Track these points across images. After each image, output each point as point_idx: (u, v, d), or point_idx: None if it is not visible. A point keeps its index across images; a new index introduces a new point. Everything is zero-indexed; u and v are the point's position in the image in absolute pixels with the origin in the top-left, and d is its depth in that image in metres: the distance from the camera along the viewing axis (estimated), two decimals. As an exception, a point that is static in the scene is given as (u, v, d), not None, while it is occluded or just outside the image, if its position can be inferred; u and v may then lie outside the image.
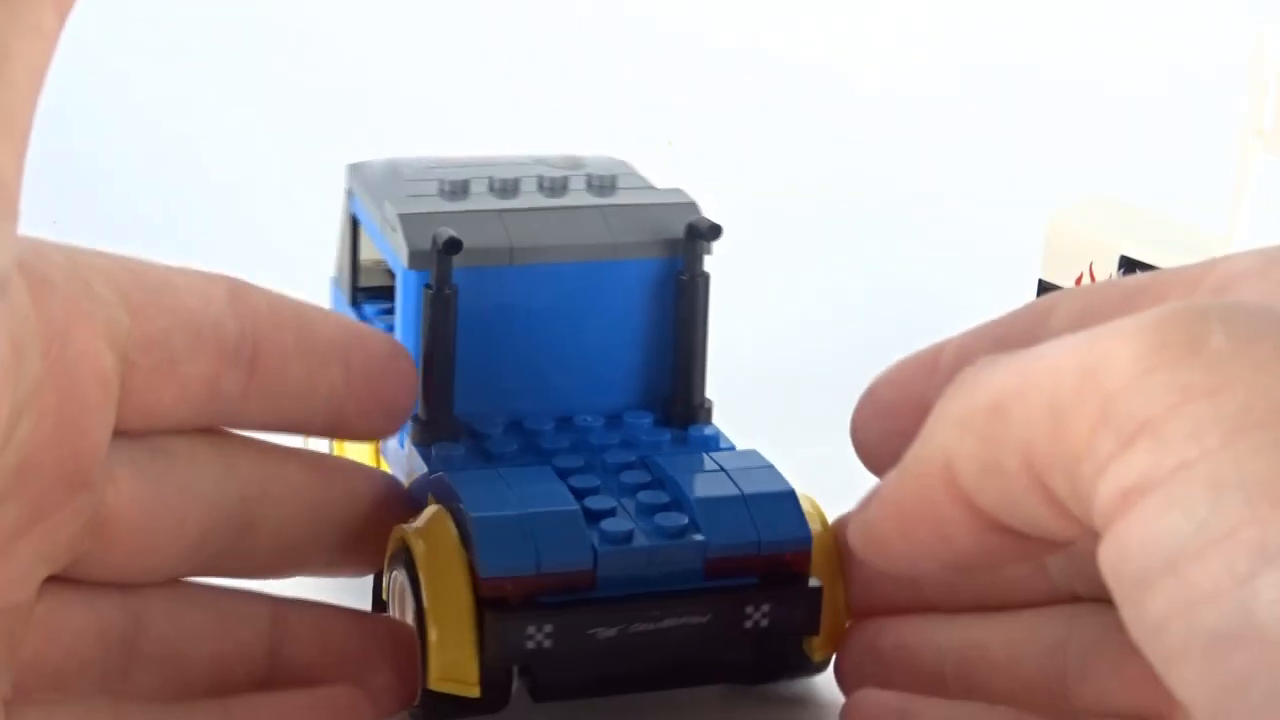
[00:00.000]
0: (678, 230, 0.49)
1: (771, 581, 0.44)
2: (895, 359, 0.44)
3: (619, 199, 0.50)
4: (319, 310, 0.46)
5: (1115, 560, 0.30)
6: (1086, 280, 0.62)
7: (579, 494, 0.45)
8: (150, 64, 0.85)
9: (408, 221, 0.48)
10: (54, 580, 0.41)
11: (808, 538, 0.44)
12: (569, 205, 0.49)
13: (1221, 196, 0.60)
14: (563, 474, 0.46)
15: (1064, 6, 0.91)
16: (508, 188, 0.50)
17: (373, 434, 0.47)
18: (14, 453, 0.38)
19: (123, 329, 0.41)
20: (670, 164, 0.83)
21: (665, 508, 0.45)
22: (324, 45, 0.87)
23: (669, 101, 0.86)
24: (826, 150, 0.84)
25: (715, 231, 0.48)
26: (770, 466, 0.46)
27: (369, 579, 0.49)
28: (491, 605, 0.43)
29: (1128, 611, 0.30)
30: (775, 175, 0.81)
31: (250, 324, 0.43)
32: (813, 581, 0.44)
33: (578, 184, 0.50)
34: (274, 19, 0.88)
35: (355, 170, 0.53)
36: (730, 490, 0.45)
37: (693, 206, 0.49)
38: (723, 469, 0.46)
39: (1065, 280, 0.62)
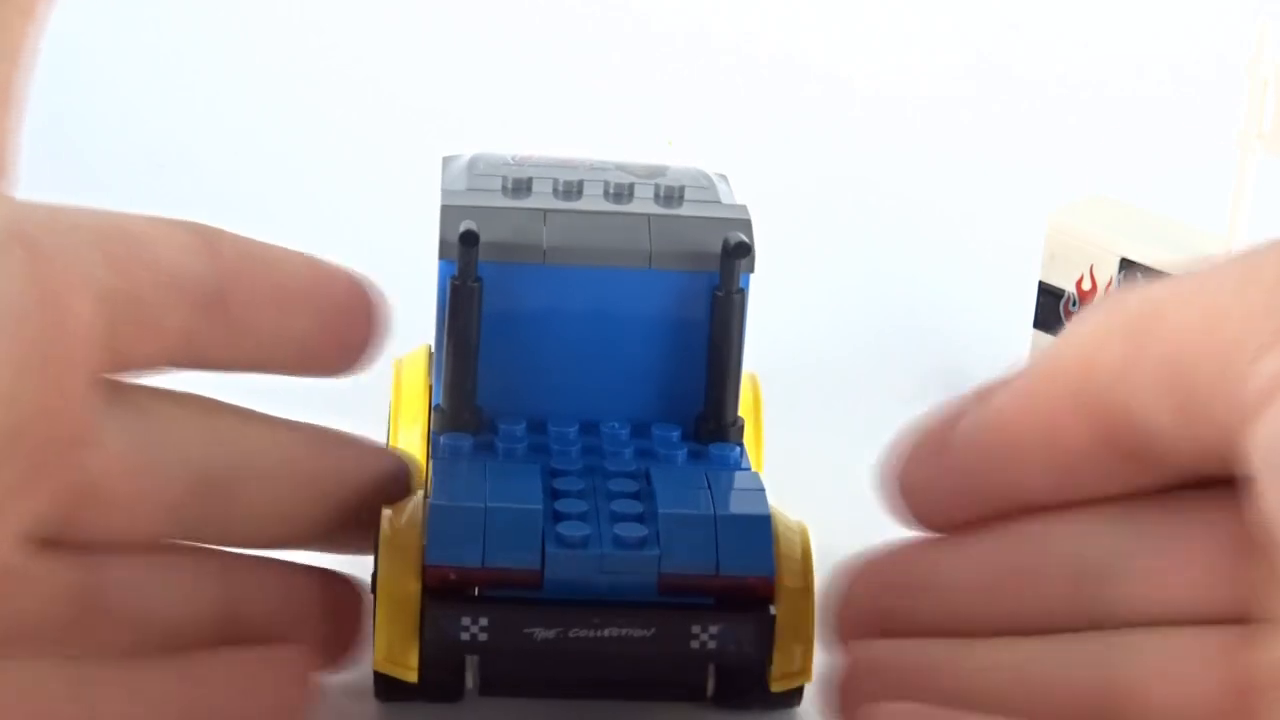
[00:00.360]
0: (718, 245, 0.48)
1: (726, 605, 0.43)
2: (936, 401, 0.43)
3: (675, 209, 0.49)
4: (286, 253, 0.46)
5: (1266, 442, 0.30)
6: (1087, 282, 0.62)
7: (557, 495, 0.45)
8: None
9: (446, 213, 0.49)
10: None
11: (769, 566, 0.44)
12: (617, 211, 0.49)
13: (1221, 197, 0.60)
14: (554, 474, 0.46)
15: (1064, 6, 0.91)
16: (571, 189, 0.50)
17: (338, 371, 0.47)
18: (5, 413, 0.38)
19: (106, 286, 0.41)
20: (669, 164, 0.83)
21: (631, 519, 0.44)
22: (321, 44, 0.87)
23: (669, 101, 0.86)
24: (826, 151, 0.84)
25: (741, 249, 0.47)
26: (760, 491, 0.45)
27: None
28: (434, 593, 0.43)
29: (1272, 497, 0.30)
30: (775, 175, 0.81)
31: (223, 272, 0.44)
32: (772, 610, 0.44)
33: (645, 192, 0.50)
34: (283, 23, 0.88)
35: (445, 163, 0.53)
36: (703, 510, 0.44)
37: (744, 224, 0.49)
38: (710, 488, 0.45)
39: (1065, 281, 0.62)
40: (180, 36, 0.87)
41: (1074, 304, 0.62)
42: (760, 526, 0.44)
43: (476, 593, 0.43)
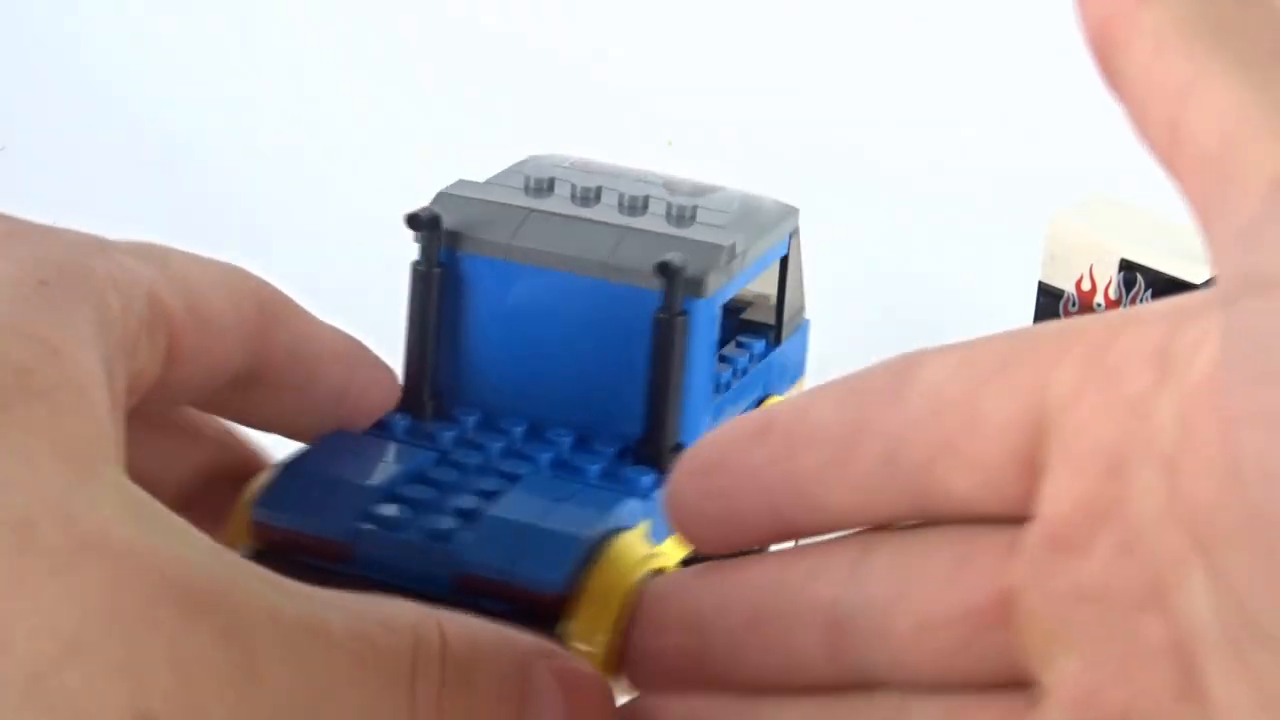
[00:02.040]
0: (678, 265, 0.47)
1: (517, 615, 0.42)
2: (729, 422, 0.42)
3: (664, 228, 0.49)
4: (337, 351, 0.47)
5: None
6: (1087, 282, 0.62)
7: (422, 481, 0.45)
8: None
9: (440, 199, 0.50)
10: None
11: (560, 583, 0.43)
12: (594, 219, 0.49)
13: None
14: (439, 463, 0.46)
15: (1065, 6, 0.91)
16: (589, 196, 0.50)
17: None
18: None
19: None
20: (670, 164, 0.83)
21: (452, 513, 0.44)
22: (327, 43, 0.87)
23: (669, 101, 0.86)
24: (825, 151, 0.84)
25: (667, 270, 0.46)
26: (609, 514, 0.44)
27: None
28: (259, 552, 0.43)
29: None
30: (775, 175, 0.81)
31: (264, 361, 0.45)
32: (561, 628, 0.43)
33: (658, 207, 0.50)
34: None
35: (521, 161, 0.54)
36: (528, 518, 0.44)
37: (712, 249, 0.48)
38: (560, 502, 0.45)
39: (1065, 282, 0.62)
40: (197, 35, 0.87)
41: (1073, 304, 0.62)
42: (566, 543, 0.43)
43: (293, 558, 0.43)
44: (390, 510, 0.44)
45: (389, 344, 0.52)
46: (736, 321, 0.54)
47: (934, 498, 0.35)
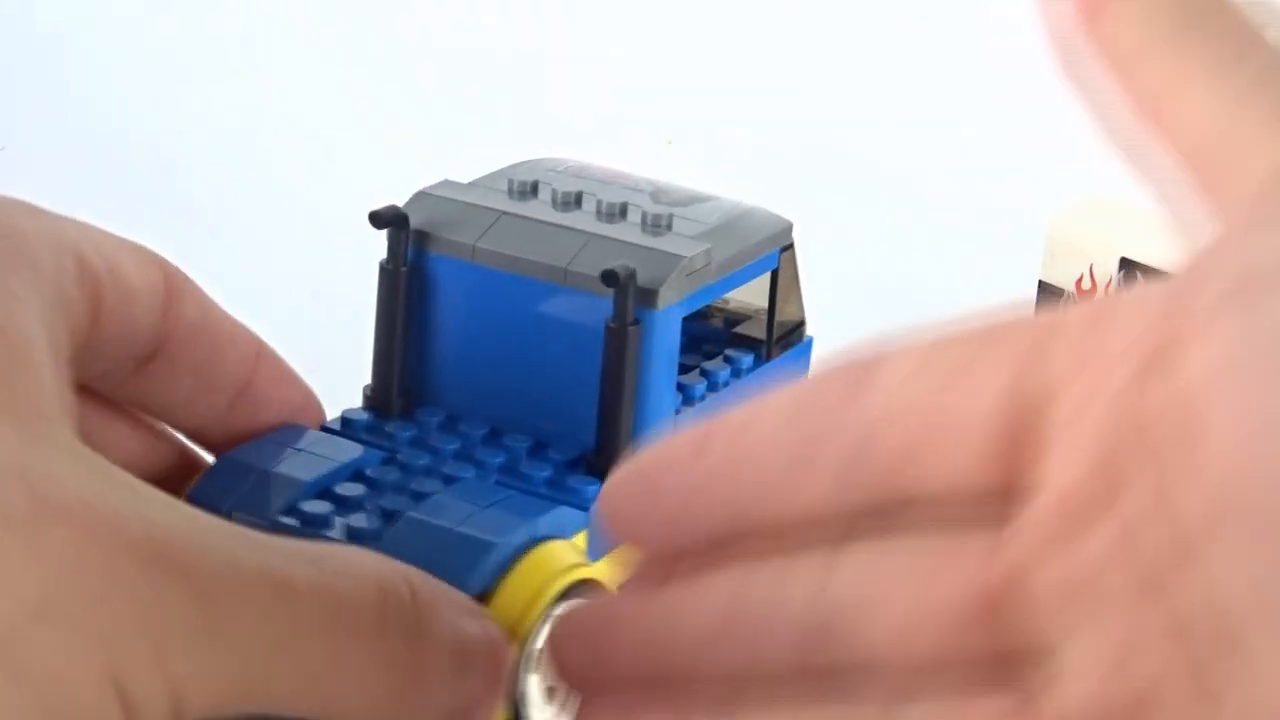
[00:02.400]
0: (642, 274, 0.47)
1: None
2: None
3: (633, 235, 0.49)
4: (236, 338, 0.47)
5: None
6: (1087, 281, 0.62)
7: (360, 479, 0.46)
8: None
9: (418, 198, 0.50)
10: None
11: (467, 586, 0.43)
12: (564, 225, 0.49)
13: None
14: (386, 462, 0.47)
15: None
16: (569, 201, 0.50)
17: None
18: None
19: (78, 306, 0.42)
20: (670, 164, 0.83)
21: (381, 513, 0.45)
22: (323, 41, 0.87)
23: (669, 101, 0.86)
24: (825, 150, 0.84)
25: (609, 278, 0.46)
26: (536, 520, 0.45)
27: None
28: None
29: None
30: (775, 175, 0.81)
31: (167, 333, 0.45)
32: None
33: (635, 215, 0.49)
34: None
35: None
36: (449, 522, 0.44)
37: (669, 258, 0.47)
38: (490, 505, 0.45)
39: (1065, 281, 0.62)
40: (189, 38, 0.87)
41: (1074, 303, 0.63)
42: (482, 549, 0.43)
43: None
44: (317, 507, 0.44)
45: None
46: (729, 334, 0.53)
47: (902, 503, 0.34)
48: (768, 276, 0.51)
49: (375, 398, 0.50)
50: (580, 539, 0.45)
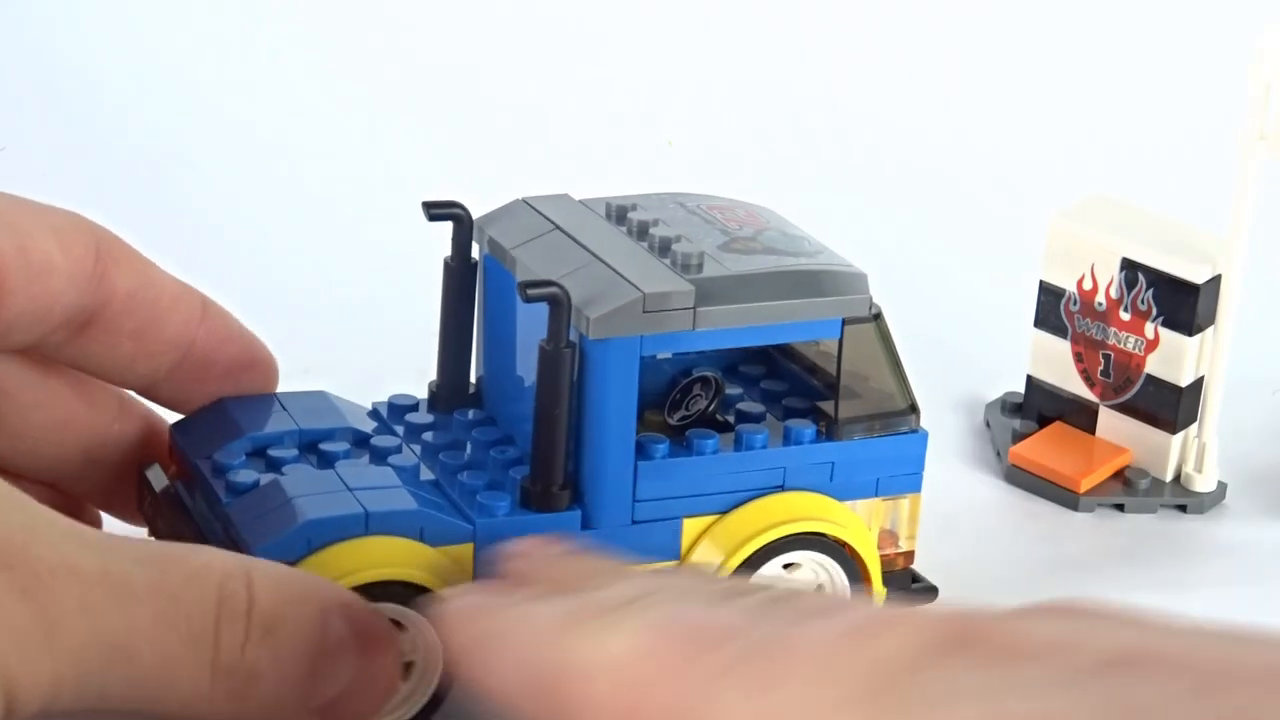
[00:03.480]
0: (602, 300, 0.47)
1: None
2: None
3: (639, 267, 0.49)
4: (179, 302, 0.49)
5: None
6: (1088, 281, 0.62)
7: (304, 447, 0.49)
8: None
9: (515, 203, 0.52)
10: None
11: (272, 553, 0.45)
12: (590, 248, 0.49)
13: (1223, 198, 0.60)
14: (355, 440, 0.50)
15: (1066, 7, 0.91)
16: (637, 229, 0.50)
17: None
18: None
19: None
20: (670, 164, 0.83)
21: (274, 470, 0.48)
22: (327, 44, 0.87)
23: (669, 101, 0.86)
24: (825, 152, 0.84)
25: (524, 293, 0.46)
26: (347, 495, 0.46)
27: None
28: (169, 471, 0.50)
29: None
30: (775, 176, 0.81)
31: (102, 301, 0.47)
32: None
33: (680, 251, 0.49)
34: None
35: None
36: (289, 493, 0.46)
37: (632, 292, 0.47)
38: (342, 491, 0.47)
39: (1066, 281, 0.62)
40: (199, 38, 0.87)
41: (1075, 303, 0.62)
42: (290, 523, 0.45)
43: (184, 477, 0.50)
44: (233, 459, 0.48)
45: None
46: (798, 394, 0.52)
47: None
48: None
49: (433, 388, 0.52)
50: (461, 550, 0.46)
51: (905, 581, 0.52)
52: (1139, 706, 0.26)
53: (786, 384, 0.53)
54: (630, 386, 0.47)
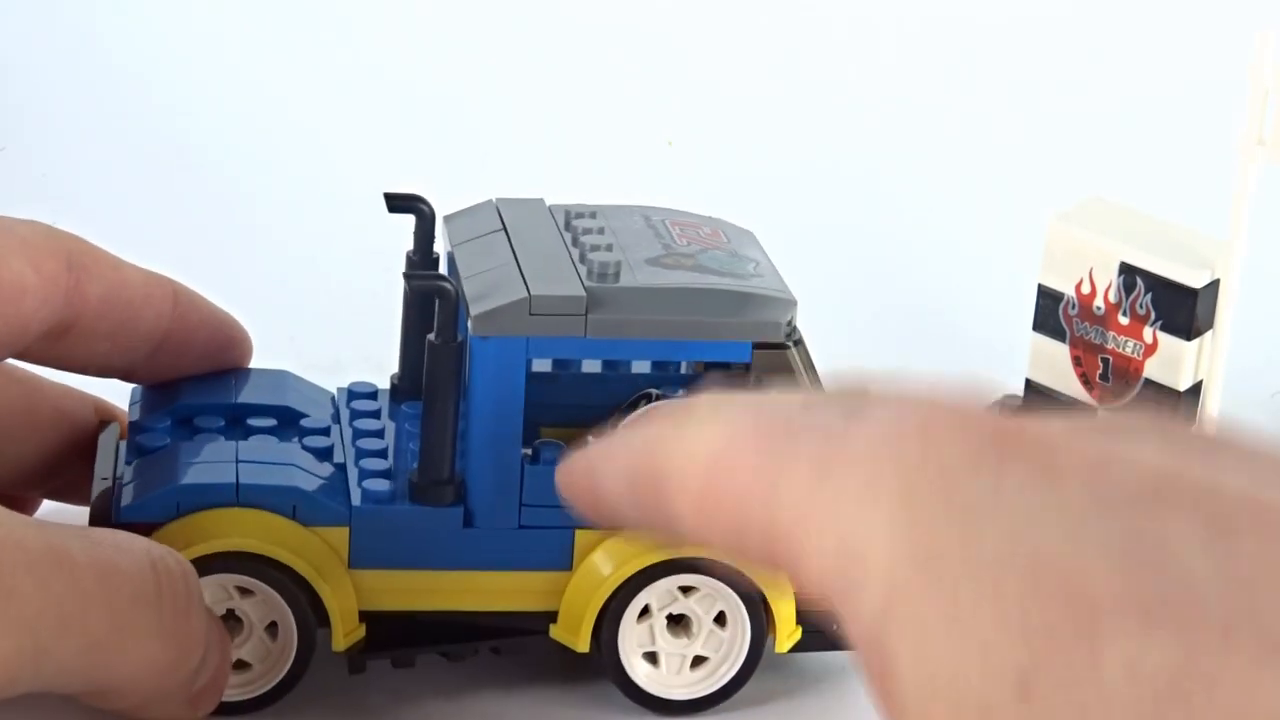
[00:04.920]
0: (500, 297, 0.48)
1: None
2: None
3: (548, 270, 0.49)
4: (151, 297, 0.50)
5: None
6: (1086, 285, 0.62)
7: (233, 419, 0.50)
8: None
9: (487, 202, 0.53)
10: None
11: (144, 514, 0.46)
12: (514, 250, 0.50)
13: (1221, 201, 0.60)
14: (284, 418, 0.50)
15: (1065, 9, 0.91)
16: (570, 232, 0.51)
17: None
18: None
19: None
20: (670, 164, 0.83)
21: (187, 438, 0.49)
22: (327, 44, 0.87)
23: (669, 101, 0.86)
24: (825, 153, 0.84)
25: (410, 285, 0.47)
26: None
27: None
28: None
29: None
30: (774, 177, 0.81)
31: (76, 312, 0.48)
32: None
33: (599, 259, 0.49)
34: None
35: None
36: (185, 459, 0.48)
37: (519, 294, 0.47)
38: (245, 460, 0.48)
39: (1065, 284, 0.62)
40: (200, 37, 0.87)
41: (1073, 307, 0.62)
42: (161, 486, 0.47)
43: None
44: (155, 424, 0.50)
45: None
46: None
47: None
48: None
49: (394, 379, 0.53)
50: (335, 533, 0.47)
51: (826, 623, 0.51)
52: (1154, 547, 0.27)
53: None
54: (515, 387, 0.47)
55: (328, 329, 0.67)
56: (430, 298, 0.48)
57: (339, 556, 0.47)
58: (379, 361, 0.54)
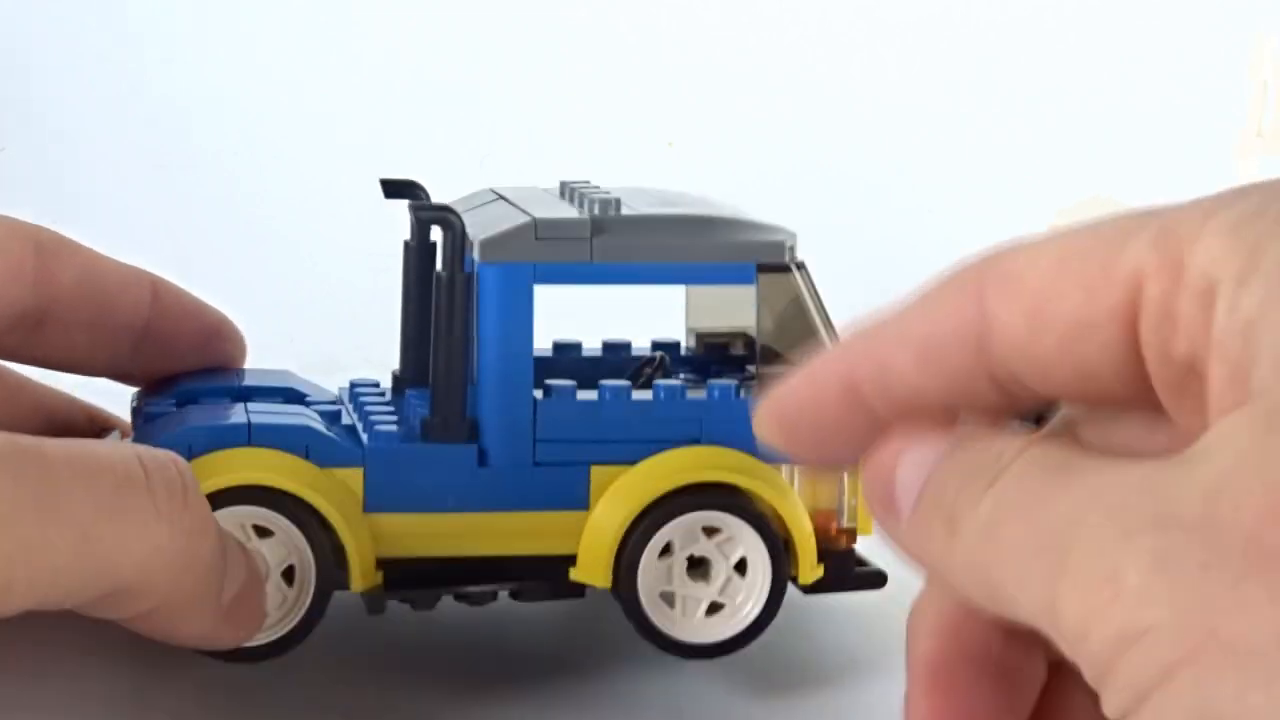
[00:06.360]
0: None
1: None
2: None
3: (549, 208, 0.49)
4: (127, 287, 0.49)
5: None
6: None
7: (238, 399, 0.49)
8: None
9: (484, 190, 0.52)
10: None
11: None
12: (517, 205, 0.49)
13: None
14: (291, 399, 0.50)
15: (1066, 8, 0.91)
16: (570, 195, 0.50)
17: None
18: None
19: None
20: (670, 164, 0.83)
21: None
22: (328, 43, 0.87)
23: (669, 101, 0.86)
24: (826, 151, 0.84)
25: (416, 215, 0.47)
26: (282, 429, 0.47)
27: None
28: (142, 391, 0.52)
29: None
30: (775, 176, 0.81)
31: (49, 298, 0.47)
32: None
33: (594, 203, 0.48)
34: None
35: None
36: (183, 424, 0.47)
37: (525, 219, 0.47)
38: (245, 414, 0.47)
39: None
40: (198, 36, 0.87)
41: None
42: (173, 429, 0.46)
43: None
44: (160, 402, 0.49)
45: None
46: (715, 357, 0.52)
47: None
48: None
49: (396, 374, 0.52)
50: (350, 473, 0.46)
51: (848, 563, 0.49)
52: None
53: (740, 375, 0.51)
54: (525, 316, 0.47)
55: (327, 329, 0.67)
56: (431, 253, 0.48)
57: (355, 498, 0.47)
58: (379, 361, 0.54)
